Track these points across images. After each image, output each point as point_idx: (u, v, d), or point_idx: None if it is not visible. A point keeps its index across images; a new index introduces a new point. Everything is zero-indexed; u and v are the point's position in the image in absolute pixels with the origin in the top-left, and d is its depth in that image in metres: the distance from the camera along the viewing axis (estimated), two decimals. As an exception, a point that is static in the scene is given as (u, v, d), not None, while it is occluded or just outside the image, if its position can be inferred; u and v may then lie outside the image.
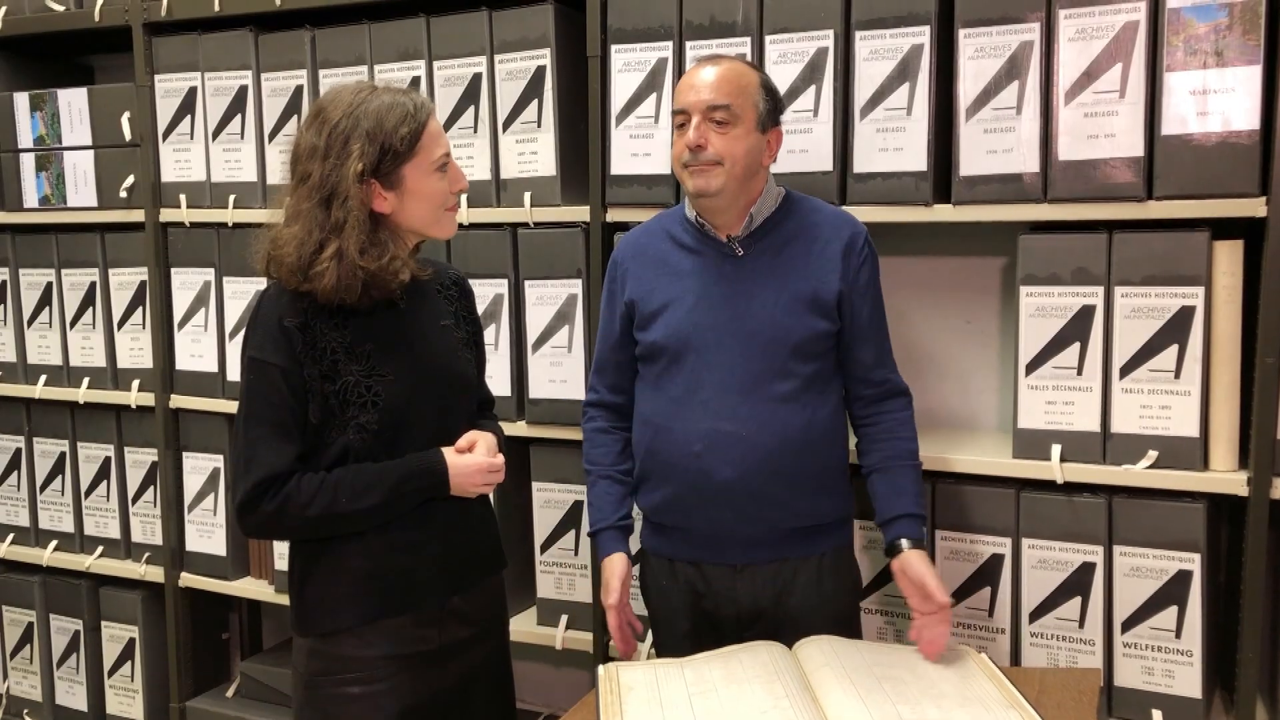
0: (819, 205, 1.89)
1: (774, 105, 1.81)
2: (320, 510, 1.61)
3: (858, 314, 1.82)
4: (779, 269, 1.81)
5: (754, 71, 1.81)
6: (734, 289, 1.81)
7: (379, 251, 1.63)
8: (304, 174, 1.63)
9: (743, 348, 1.79)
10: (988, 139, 1.93)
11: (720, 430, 1.78)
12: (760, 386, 1.78)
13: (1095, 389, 1.91)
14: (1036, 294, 1.94)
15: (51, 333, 2.87)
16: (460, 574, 1.77)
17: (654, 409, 1.87)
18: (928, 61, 1.96)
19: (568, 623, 2.37)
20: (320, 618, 1.68)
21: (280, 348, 1.62)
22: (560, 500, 2.37)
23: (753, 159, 1.77)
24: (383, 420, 1.66)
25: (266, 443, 1.61)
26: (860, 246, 1.83)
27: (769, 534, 1.82)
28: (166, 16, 2.59)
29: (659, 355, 1.85)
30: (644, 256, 1.90)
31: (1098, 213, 1.88)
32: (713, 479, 1.78)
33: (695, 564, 1.86)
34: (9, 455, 2.98)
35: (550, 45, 2.24)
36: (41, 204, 2.83)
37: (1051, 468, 1.94)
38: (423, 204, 1.68)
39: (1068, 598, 1.97)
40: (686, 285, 1.83)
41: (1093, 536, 1.94)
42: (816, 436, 1.80)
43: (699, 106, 1.75)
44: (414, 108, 1.65)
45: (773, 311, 1.79)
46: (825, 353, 1.82)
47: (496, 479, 1.74)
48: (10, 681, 3.04)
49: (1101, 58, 1.86)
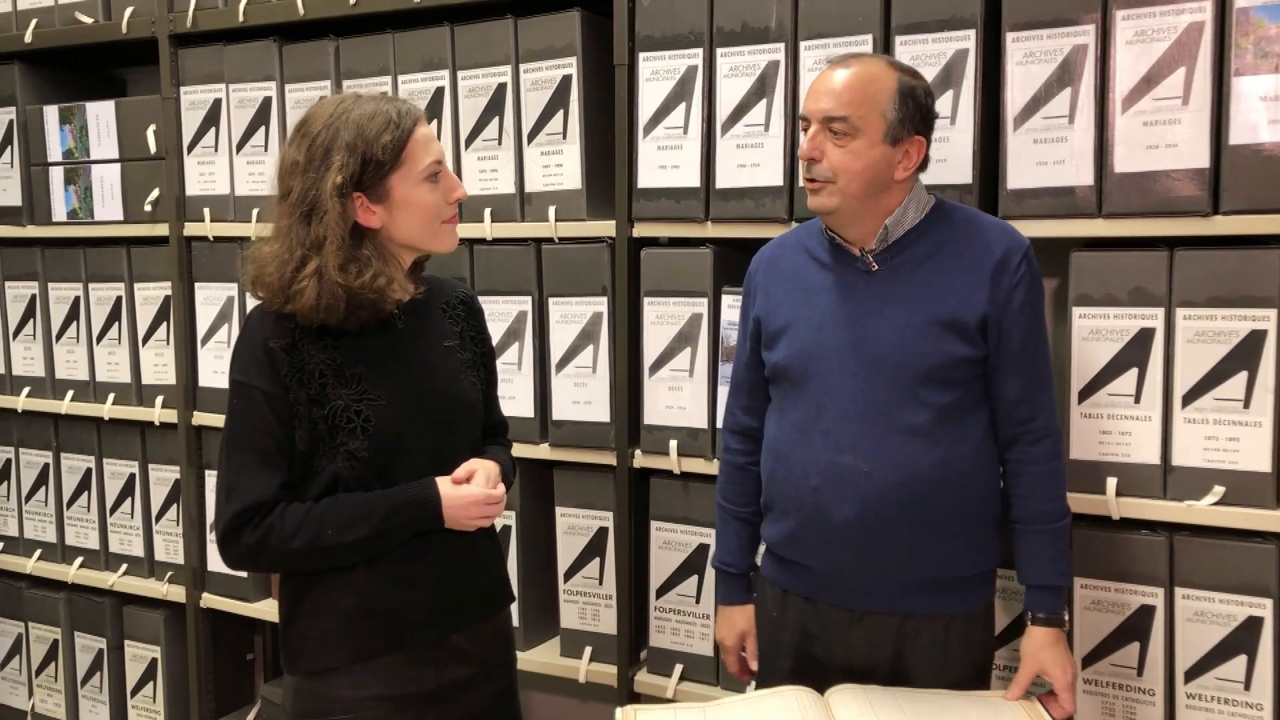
0: (974, 216, 1.68)
1: (915, 112, 1.60)
2: (305, 543, 1.53)
3: (1006, 341, 1.61)
4: (916, 286, 1.62)
5: (892, 74, 1.60)
6: (862, 307, 1.64)
7: (359, 268, 1.54)
8: (286, 190, 1.56)
9: (867, 373, 1.62)
10: (1037, 150, 1.81)
11: (839, 464, 1.62)
12: (886, 417, 1.61)
13: (1155, 418, 1.77)
14: (1090, 316, 1.80)
15: (79, 348, 2.84)
16: (459, 610, 1.66)
17: (776, 435, 1.73)
18: (973, 67, 1.84)
19: (592, 655, 2.27)
20: (307, 655, 1.60)
21: (264, 370, 1.54)
22: (584, 527, 2.27)
23: (876, 174, 1.59)
24: (374, 447, 1.57)
25: (249, 470, 1.53)
26: (1016, 263, 1.61)
27: (892, 582, 1.64)
28: (192, 27, 2.55)
29: (782, 377, 1.71)
30: (776, 270, 1.76)
31: (1158, 229, 1.75)
32: (831, 517, 1.62)
33: (811, 601, 1.71)
34: (37, 470, 2.95)
35: (576, 54, 2.16)
36: (70, 217, 2.80)
37: (1106, 502, 1.80)
38: (414, 217, 1.59)
39: (1124, 643, 1.83)
40: (815, 302, 1.68)
41: (1152, 577, 1.80)
42: (952, 476, 1.61)
43: (817, 115, 1.60)
44: (398, 115, 1.56)
45: (903, 333, 1.61)
46: (967, 382, 1.62)
47: (494, 511, 1.63)
48: (35, 699, 3.01)
49: (1162, 62, 1.72)
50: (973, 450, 1.64)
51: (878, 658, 1.67)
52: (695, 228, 2.08)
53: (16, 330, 2.93)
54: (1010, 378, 1.64)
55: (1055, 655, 1.63)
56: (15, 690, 3.05)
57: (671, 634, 2.21)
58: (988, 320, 1.61)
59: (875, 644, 1.67)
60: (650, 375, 2.14)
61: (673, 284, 2.10)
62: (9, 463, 3.00)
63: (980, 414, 1.66)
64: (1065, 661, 1.64)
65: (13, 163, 2.86)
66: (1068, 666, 1.64)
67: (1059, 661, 1.63)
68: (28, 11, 2.81)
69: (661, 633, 2.21)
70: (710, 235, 2.08)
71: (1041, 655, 1.63)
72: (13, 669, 3.05)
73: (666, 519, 2.18)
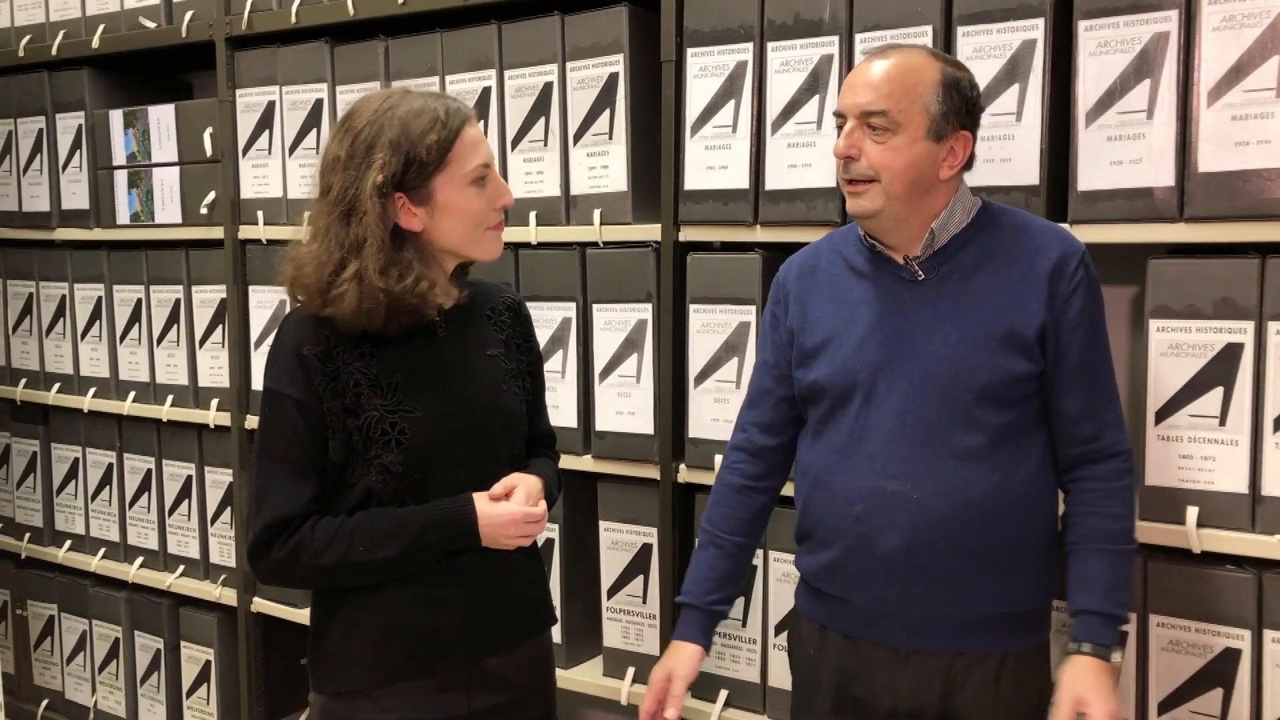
0: (1025, 220, 1.56)
1: (960, 105, 1.48)
2: (335, 559, 1.48)
3: (1065, 353, 1.49)
4: (967, 296, 1.51)
5: (934, 65, 1.48)
6: (910, 320, 1.52)
7: (401, 272, 1.48)
8: (326, 186, 1.51)
9: (917, 391, 1.50)
10: (1112, 148, 1.66)
11: (885, 490, 1.50)
12: (937, 439, 1.49)
13: (1242, 443, 1.61)
14: (1169, 329, 1.64)
15: (140, 349, 2.87)
16: (494, 633, 1.59)
17: (814, 459, 1.61)
18: (1041, 59, 1.70)
19: (634, 675, 2.18)
20: (334, 676, 1.55)
21: (297, 379, 1.49)
22: (629, 542, 2.18)
23: (920, 172, 1.48)
24: (408, 461, 1.51)
25: (280, 482, 1.48)
26: (1073, 269, 1.49)
27: (941, 618, 1.52)
28: (247, 30, 2.55)
29: (820, 398, 1.59)
30: (811, 279, 1.63)
31: (1247, 234, 1.58)
32: (875, 548, 1.51)
33: (852, 640, 1.59)
34: (102, 470, 2.99)
35: (623, 50, 2.07)
36: (133, 220, 2.83)
37: (1186, 533, 1.64)
38: (457, 221, 1.52)
39: (1206, 688, 1.66)
40: (855, 316, 1.56)
41: (1238, 618, 1.63)
42: (1009, 503, 1.49)
43: (854, 110, 1.48)
44: (445, 113, 1.50)
45: (955, 348, 1.49)
46: (1025, 400, 1.51)
47: (534, 530, 1.56)
48: (99, 695, 3.05)
49: (1254, 49, 1.56)
50: (1031, 475, 1.51)
51: (924, 700, 1.54)
52: (743, 231, 1.98)
53: (84, 331, 2.98)
54: (1069, 393, 1.50)
55: (1097, 684, 1.45)
56: (80, 686, 3.10)
57: (716, 658, 2.10)
58: (1045, 331, 1.48)
59: (922, 685, 1.54)
60: (695, 386, 2.04)
61: (719, 290, 2.00)
62: (76, 462, 3.05)
63: (1039, 435, 1.53)
64: (1108, 694, 1.45)
65: (81, 166, 2.91)
66: (1111, 700, 1.45)
67: (1100, 693, 1.44)
68: (96, 17, 2.85)
69: (707, 656, 2.11)
70: (759, 239, 1.97)
71: (1079, 683, 1.45)
72: (78, 665, 3.10)
73: (713, 537, 2.08)
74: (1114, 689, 1.47)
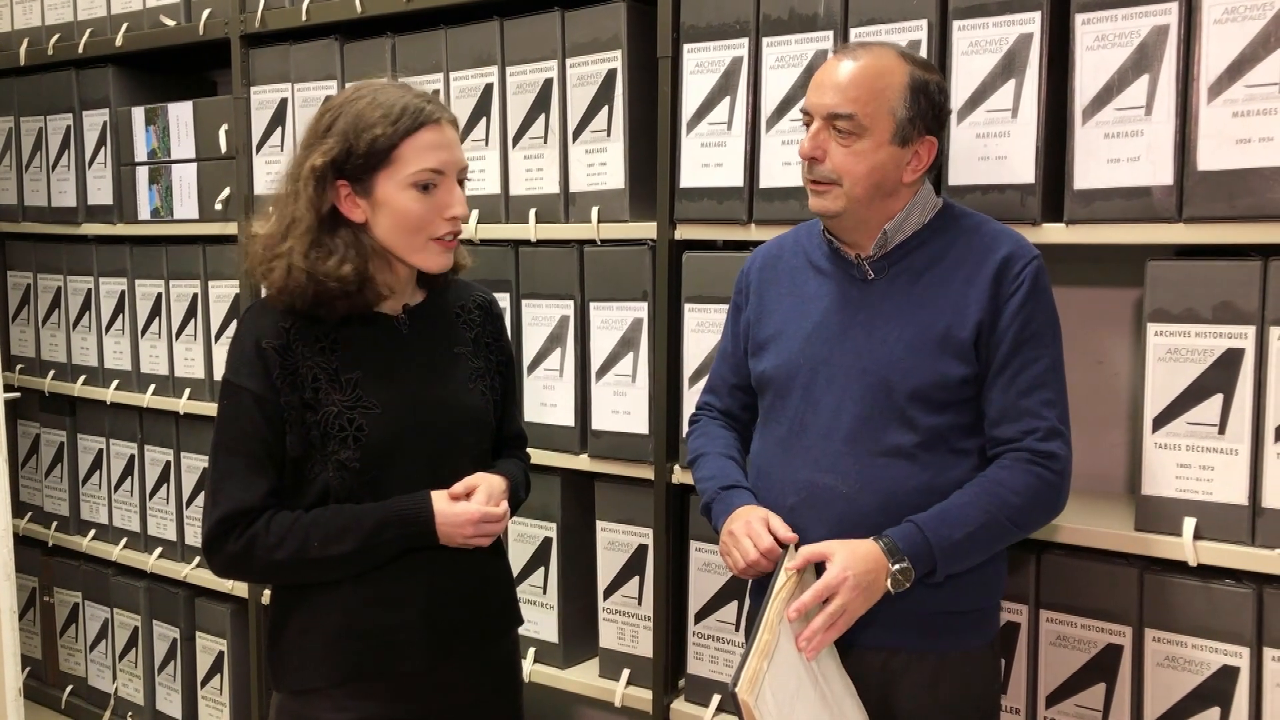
0: (981, 222, 1.54)
1: (928, 110, 1.47)
2: (289, 553, 1.47)
3: (994, 351, 1.46)
4: (913, 298, 1.50)
5: (904, 68, 1.46)
6: (855, 319, 1.52)
7: (323, 255, 1.47)
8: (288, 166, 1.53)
9: (853, 389, 1.51)
10: (1109, 145, 1.60)
11: (818, 483, 1.51)
12: (869, 436, 1.49)
13: (1242, 452, 1.55)
14: (1168, 333, 1.59)
15: (160, 343, 2.91)
16: (455, 634, 1.57)
17: (759, 449, 1.63)
18: (1037, 54, 1.64)
19: (629, 678, 2.16)
20: (291, 673, 1.54)
21: (255, 371, 1.48)
22: (624, 543, 2.16)
23: (884, 176, 1.47)
24: (365, 457, 1.49)
25: (234, 476, 1.48)
26: (1018, 271, 1.46)
27: (873, 613, 1.46)
28: (260, 27, 2.57)
29: (766, 389, 1.61)
30: (772, 271, 1.64)
31: (1249, 235, 1.52)
32: (807, 540, 1.49)
33: None
34: (125, 461, 3.05)
35: (622, 46, 2.05)
36: (153, 216, 2.87)
37: (1183, 545, 1.58)
38: (394, 222, 1.50)
39: (1202, 708, 1.60)
40: (807, 310, 1.57)
41: (1235, 635, 1.57)
42: (938, 502, 1.46)
43: (820, 110, 1.47)
44: (402, 111, 1.48)
45: (892, 349, 1.49)
46: (962, 403, 1.49)
47: (494, 530, 1.53)
48: (119, 683, 3.11)
49: (1257, 43, 1.50)
50: (966, 476, 1.48)
51: (863, 696, 1.51)
52: (738, 230, 1.95)
53: (109, 324, 3.03)
54: (989, 393, 1.47)
55: (853, 557, 1.39)
56: (102, 673, 3.16)
57: (710, 662, 2.08)
58: (981, 333, 1.45)
59: (861, 682, 1.51)
60: (690, 386, 2.02)
61: (715, 289, 1.97)
62: (100, 453, 3.11)
63: (976, 439, 1.50)
64: (855, 567, 1.39)
65: (106, 163, 2.96)
66: (855, 571, 1.38)
67: (848, 562, 1.39)
68: (120, 16, 2.89)
69: (700, 660, 2.09)
70: (754, 238, 1.94)
71: (843, 550, 1.40)
72: (100, 652, 3.15)
73: (707, 540, 2.05)
74: (870, 583, 1.40)
